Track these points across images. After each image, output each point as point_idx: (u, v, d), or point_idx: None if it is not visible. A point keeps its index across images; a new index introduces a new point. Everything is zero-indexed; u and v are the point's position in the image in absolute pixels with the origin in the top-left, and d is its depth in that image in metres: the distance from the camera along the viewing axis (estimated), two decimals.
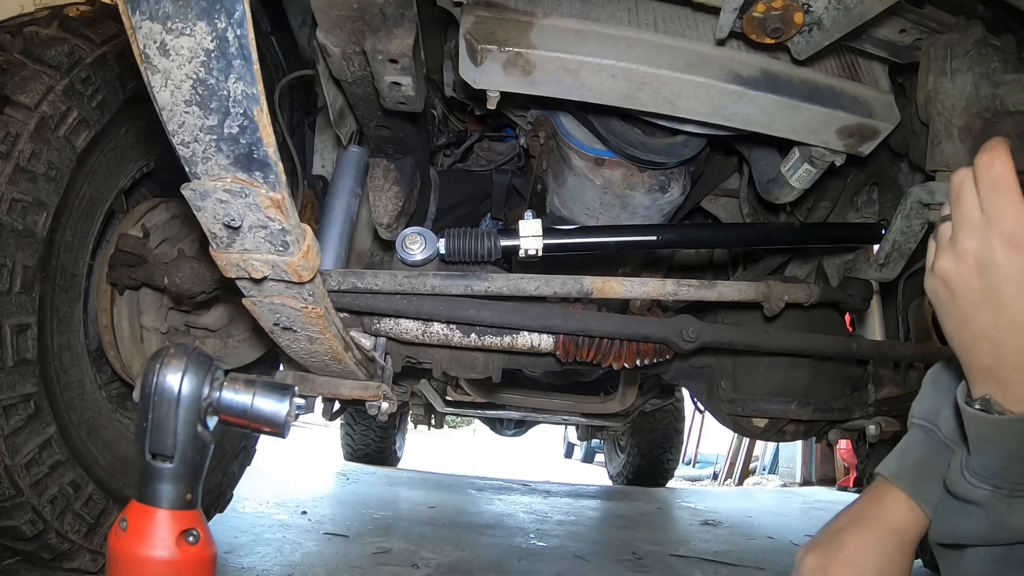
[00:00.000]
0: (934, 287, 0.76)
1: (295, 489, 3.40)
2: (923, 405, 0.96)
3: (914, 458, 0.92)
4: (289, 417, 0.76)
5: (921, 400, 0.97)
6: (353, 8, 1.14)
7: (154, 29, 0.66)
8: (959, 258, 0.72)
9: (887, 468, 0.94)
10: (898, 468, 0.93)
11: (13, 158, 1.22)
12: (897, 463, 0.93)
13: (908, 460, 0.92)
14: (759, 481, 7.67)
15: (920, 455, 0.92)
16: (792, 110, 1.31)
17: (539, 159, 1.67)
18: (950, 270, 0.73)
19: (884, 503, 0.92)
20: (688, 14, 1.35)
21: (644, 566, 2.43)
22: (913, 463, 0.92)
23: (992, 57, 1.31)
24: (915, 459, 0.92)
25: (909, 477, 0.91)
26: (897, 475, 0.92)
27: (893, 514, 0.90)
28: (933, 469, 0.89)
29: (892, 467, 0.94)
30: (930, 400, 0.94)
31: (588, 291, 1.34)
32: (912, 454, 0.92)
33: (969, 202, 0.72)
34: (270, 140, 0.74)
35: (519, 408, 3.72)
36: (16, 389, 1.25)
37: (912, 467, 0.91)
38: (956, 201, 0.74)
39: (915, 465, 0.91)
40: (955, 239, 0.73)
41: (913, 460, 0.92)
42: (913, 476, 0.90)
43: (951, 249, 0.73)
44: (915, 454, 0.92)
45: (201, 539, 0.73)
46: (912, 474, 0.91)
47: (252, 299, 1.01)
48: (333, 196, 1.59)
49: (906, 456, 0.93)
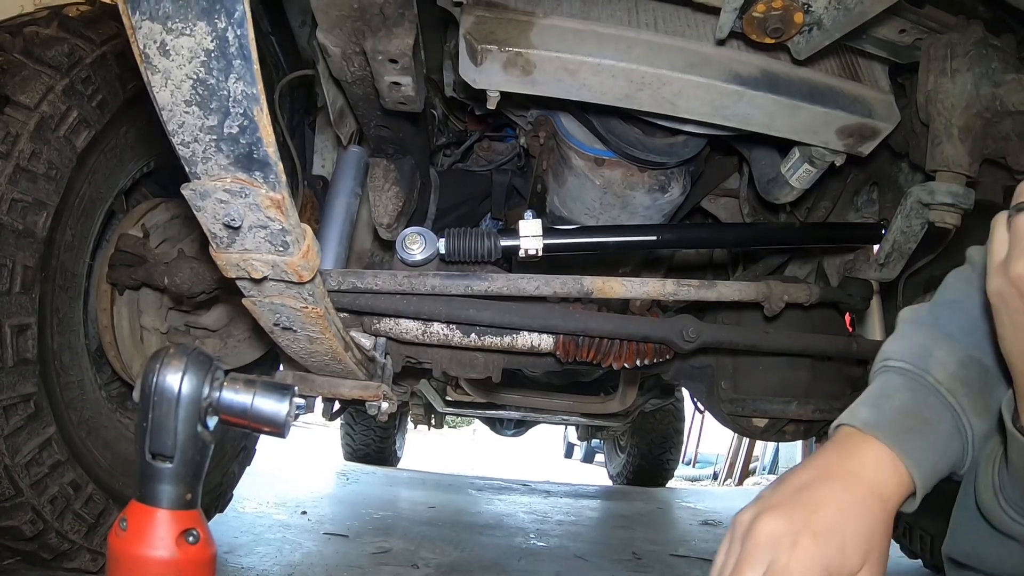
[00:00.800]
0: (1004, 292, 0.63)
1: (295, 489, 3.40)
2: (904, 344, 0.78)
3: (896, 406, 0.73)
4: (289, 417, 0.76)
5: (899, 339, 0.79)
6: (353, 8, 1.14)
7: (154, 29, 0.66)
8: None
9: (858, 417, 0.74)
10: (875, 417, 0.73)
11: (13, 158, 1.22)
12: (873, 411, 0.74)
13: (888, 408, 0.73)
14: (759, 481, 7.67)
15: (904, 403, 0.73)
16: (792, 110, 1.31)
17: (539, 159, 1.67)
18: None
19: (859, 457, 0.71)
20: (688, 14, 1.35)
21: (644, 566, 2.43)
22: (896, 412, 0.73)
23: (992, 57, 1.32)
24: (898, 407, 0.73)
25: (892, 428, 0.71)
26: (875, 425, 0.72)
27: (874, 472, 0.69)
28: (923, 421, 0.72)
29: (865, 416, 0.73)
30: (914, 339, 0.77)
31: (588, 291, 1.34)
32: (892, 401, 0.74)
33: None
34: (270, 140, 0.74)
35: (519, 408, 3.72)
36: (16, 389, 1.25)
37: (895, 416, 0.72)
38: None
39: (899, 415, 0.72)
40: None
41: (895, 408, 0.73)
42: (897, 427, 0.71)
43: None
44: (897, 402, 0.73)
45: (201, 539, 0.73)
46: (896, 424, 0.71)
47: (252, 299, 1.01)
48: (333, 196, 1.59)
49: (884, 403, 0.74)
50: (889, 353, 0.78)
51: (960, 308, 0.78)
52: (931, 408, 0.72)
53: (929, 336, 0.76)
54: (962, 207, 1.35)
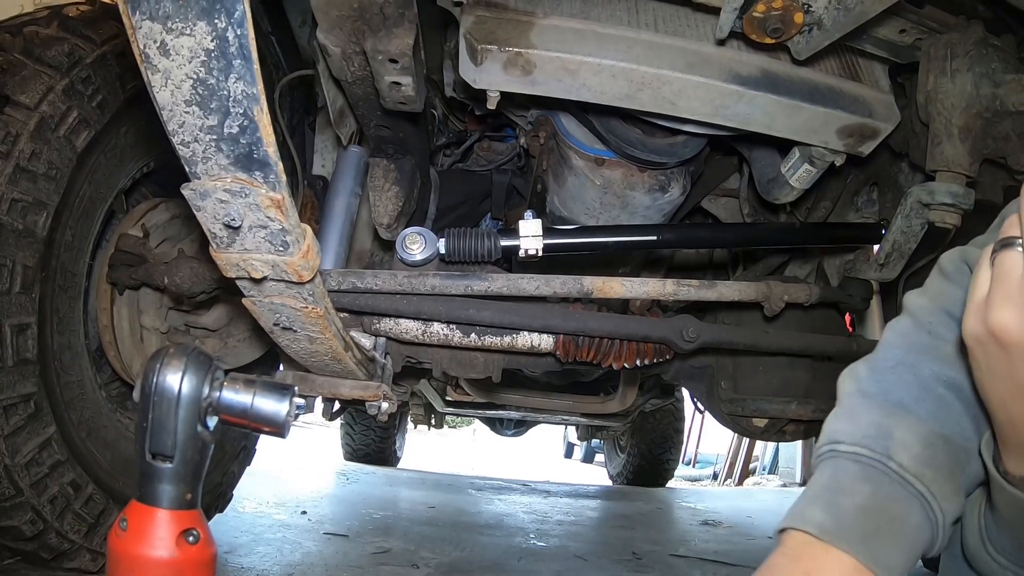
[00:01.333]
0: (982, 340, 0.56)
1: (295, 489, 3.40)
2: (853, 425, 0.68)
3: (856, 504, 0.63)
4: (289, 417, 0.76)
5: (845, 417, 0.69)
6: (353, 8, 1.14)
7: (154, 29, 0.66)
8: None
9: (811, 522, 0.63)
10: (833, 522, 0.62)
11: (13, 158, 1.22)
12: (829, 514, 0.63)
13: (847, 507, 0.63)
14: (759, 481, 7.67)
15: (865, 499, 0.63)
16: (792, 110, 1.31)
17: (539, 159, 1.67)
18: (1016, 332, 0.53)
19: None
20: (688, 14, 1.35)
21: (644, 566, 2.42)
22: (857, 511, 0.63)
23: (992, 57, 1.32)
24: (859, 505, 0.63)
25: (855, 534, 0.62)
26: (835, 532, 0.62)
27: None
28: (889, 519, 0.62)
29: (821, 520, 0.63)
30: (865, 416, 0.67)
31: (588, 291, 1.34)
32: (851, 498, 0.63)
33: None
34: (270, 140, 0.74)
35: (519, 408, 3.72)
36: (16, 389, 1.25)
37: (857, 518, 0.62)
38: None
39: (861, 515, 0.62)
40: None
41: (856, 507, 0.63)
42: (861, 531, 0.62)
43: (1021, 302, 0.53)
44: (856, 498, 0.63)
45: (201, 539, 0.73)
46: (859, 528, 0.62)
47: (252, 299, 1.01)
48: (333, 196, 1.59)
49: (840, 501, 0.64)
50: (836, 435, 0.68)
51: (909, 371, 0.69)
52: (897, 501, 0.63)
53: (881, 411, 0.67)
54: (962, 207, 1.35)
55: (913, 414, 0.66)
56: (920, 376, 0.68)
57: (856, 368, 0.73)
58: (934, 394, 0.67)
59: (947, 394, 0.66)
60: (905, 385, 0.67)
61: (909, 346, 0.71)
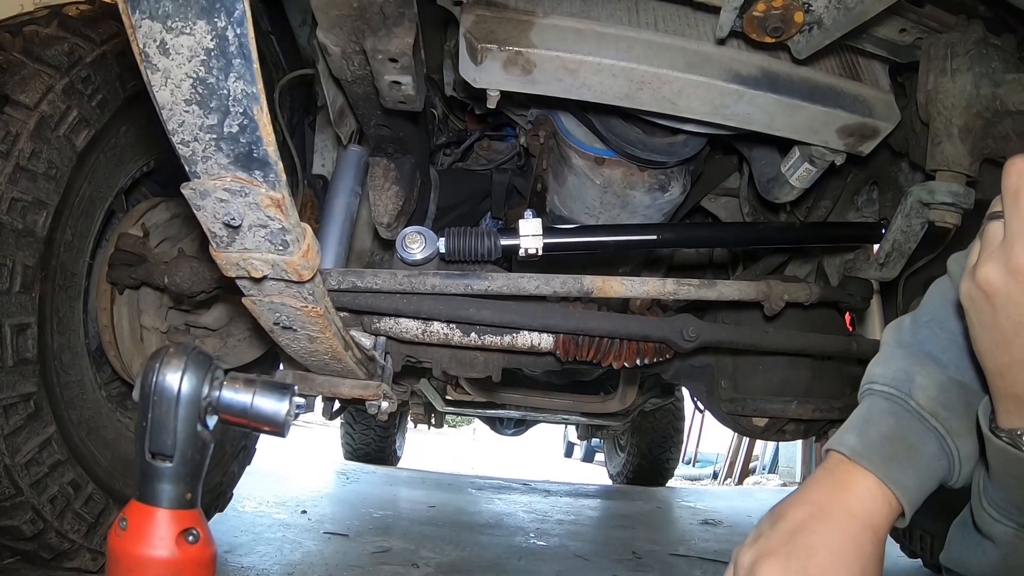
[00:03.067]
0: (973, 296, 0.65)
1: (295, 488, 3.40)
2: (887, 368, 0.80)
3: (882, 433, 0.76)
4: (289, 416, 0.76)
5: (883, 362, 0.81)
6: (353, 7, 1.14)
7: (154, 28, 0.66)
8: (1012, 273, 0.61)
9: (845, 444, 0.76)
10: (862, 445, 0.76)
11: (13, 157, 1.22)
12: (859, 439, 0.76)
13: (873, 435, 0.76)
14: (759, 480, 7.68)
15: (889, 429, 0.76)
16: (792, 109, 1.31)
17: (539, 158, 1.67)
18: (997, 283, 0.62)
19: (850, 490, 0.74)
20: (688, 13, 1.35)
21: (644, 565, 2.43)
22: (881, 439, 0.75)
23: (992, 57, 1.31)
24: (883, 434, 0.76)
25: (878, 456, 0.74)
26: (862, 454, 0.75)
27: (864, 504, 0.73)
28: (907, 447, 0.74)
29: (853, 443, 0.76)
30: (897, 363, 0.79)
31: (588, 290, 1.34)
32: (878, 428, 0.76)
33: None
34: (270, 139, 0.74)
35: (519, 407, 3.72)
36: (16, 389, 1.25)
37: (880, 444, 0.75)
38: (1013, 199, 0.63)
39: (884, 442, 0.75)
40: (1008, 248, 0.61)
41: (881, 435, 0.76)
42: (883, 455, 0.74)
43: (1001, 258, 0.62)
44: (882, 428, 0.76)
45: (201, 538, 0.72)
46: (882, 452, 0.74)
47: (252, 298, 1.01)
48: (333, 195, 1.59)
49: (870, 430, 0.76)
50: (874, 376, 0.81)
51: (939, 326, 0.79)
52: (915, 433, 0.75)
53: (910, 359, 0.78)
54: (962, 206, 1.35)
55: (937, 362, 0.77)
56: (948, 329, 0.78)
57: (901, 321, 0.84)
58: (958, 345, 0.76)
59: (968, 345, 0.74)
60: (935, 337, 0.78)
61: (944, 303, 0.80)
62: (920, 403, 0.75)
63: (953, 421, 0.75)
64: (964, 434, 0.75)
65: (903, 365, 0.78)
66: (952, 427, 0.75)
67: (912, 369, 0.77)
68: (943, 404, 0.75)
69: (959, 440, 0.75)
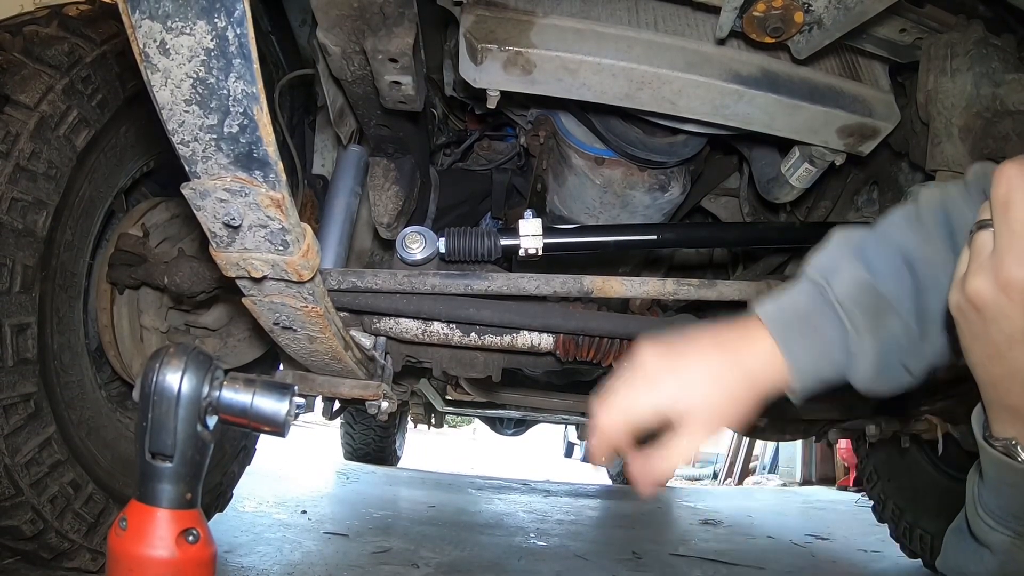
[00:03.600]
0: (963, 308, 0.64)
1: (295, 488, 3.40)
2: (822, 258, 0.85)
3: (795, 308, 0.81)
4: (289, 416, 0.76)
5: (822, 252, 0.86)
6: (353, 7, 1.14)
7: (154, 28, 0.66)
8: (1002, 287, 0.59)
9: (763, 308, 0.83)
10: (775, 312, 0.82)
11: (13, 157, 1.22)
12: (775, 307, 0.82)
13: (786, 308, 0.82)
14: (759, 480, 7.67)
15: (802, 307, 0.81)
16: (792, 109, 1.31)
17: (539, 158, 1.67)
18: (987, 297, 0.60)
19: (750, 344, 0.81)
20: (688, 13, 1.35)
21: (644, 565, 2.43)
22: (792, 312, 0.81)
23: (992, 57, 1.31)
24: (795, 309, 0.81)
25: (783, 325, 0.80)
26: (771, 319, 0.81)
27: (756, 358, 0.80)
28: (811, 327, 0.80)
29: (769, 310, 0.82)
30: (832, 255, 0.83)
31: (588, 290, 1.34)
32: (792, 304, 0.82)
33: (1021, 217, 0.59)
34: (270, 139, 0.74)
35: (519, 407, 3.72)
36: (16, 389, 1.25)
37: (790, 316, 0.81)
38: (1002, 210, 0.60)
39: (792, 316, 0.81)
40: (998, 260, 0.60)
41: (792, 310, 0.81)
42: (788, 326, 0.80)
43: (991, 271, 0.60)
44: (796, 305, 0.82)
45: (201, 538, 0.72)
46: (787, 324, 0.80)
47: (252, 298, 1.01)
48: (333, 195, 1.59)
49: (786, 303, 0.83)
50: (810, 262, 0.86)
51: (883, 237, 0.82)
52: (822, 317, 0.80)
53: (844, 256, 0.82)
54: None
55: (864, 264, 0.80)
56: (890, 242, 0.81)
57: (855, 228, 0.87)
58: (892, 260, 0.80)
59: (902, 264, 0.78)
60: (875, 245, 0.81)
61: (898, 222, 0.82)
62: (836, 293, 0.79)
63: (860, 319, 0.78)
64: (866, 334, 0.78)
65: (835, 258, 0.82)
66: (857, 324, 0.78)
67: (841, 264, 0.81)
68: (855, 301, 0.78)
69: (861, 338, 0.78)
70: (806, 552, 2.95)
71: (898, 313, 0.77)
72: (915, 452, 2.58)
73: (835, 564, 2.80)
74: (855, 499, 4.83)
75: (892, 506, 2.72)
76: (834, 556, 2.92)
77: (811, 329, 0.80)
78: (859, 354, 0.79)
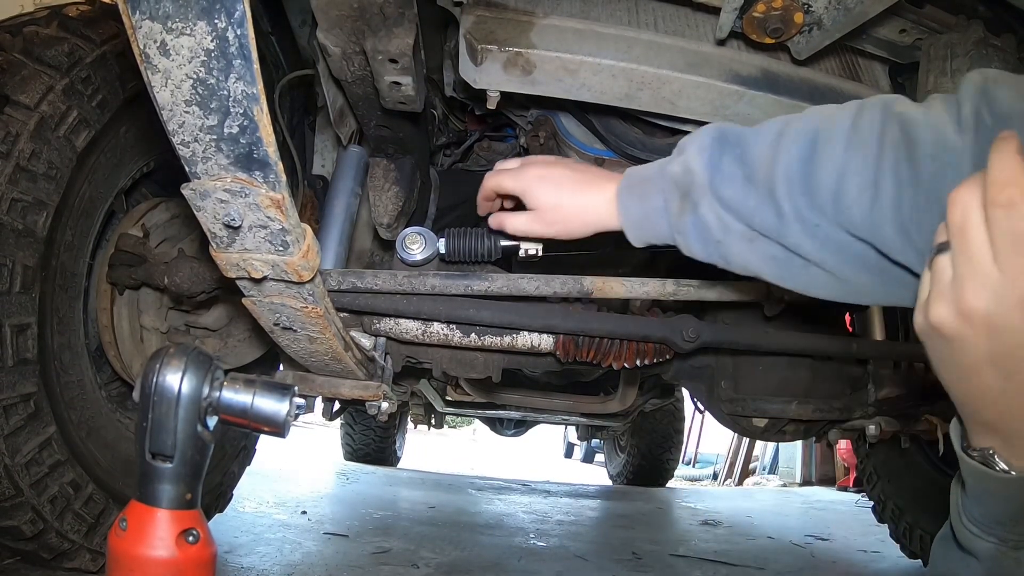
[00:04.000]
0: (926, 333, 0.63)
1: (295, 489, 3.40)
2: (693, 134, 0.96)
3: (642, 173, 0.97)
4: (289, 417, 0.76)
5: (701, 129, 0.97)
6: (353, 8, 1.14)
7: (154, 29, 0.66)
8: (964, 316, 0.58)
9: (631, 169, 1.00)
10: (632, 171, 0.99)
11: (13, 158, 1.22)
12: (634, 171, 0.99)
13: (640, 173, 0.98)
14: (759, 481, 7.67)
15: (646, 174, 0.96)
16: (792, 110, 1.31)
17: None
18: (950, 325, 0.60)
19: (607, 182, 1.01)
20: (688, 14, 1.35)
21: (644, 566, 2.43)
22: (638, 176, 0.97)
23: (992, 57, 1.32)
24: (642, 174, 0.97)
25: (627, 181, 0.98)
26: (627, 174, 0.99)
27: (601, 194, 1.00)
28: (642, 193, 0.96)
29: (629, 172, 1.00)
30: (699, 134, 0.94)
31: (588, 291, 1.34)
32: (646, 168, 0.97)
33: (978, 244, 0.57)
34: (270, 140, 0.74)
35: (519, 408, 3.72)
36: (16, 389, 1.25)
37: (635, 178, 0.98)
38: (959, 236, 0.59)
39: (638, 178, 0.97)
40: (959, 290, 0.58)
41: (640, 174, 0.97)
42: (630, 183, 0.97)
43: (953, 299, 0.59)
44: (647, 170, 0.97)
45: (201, 539, 0.73)
46: (631, 182, 0.98)
47: (252, 299, 1.01)
48: (333, 196, 1.59)
49: (643, 170, 0.98)
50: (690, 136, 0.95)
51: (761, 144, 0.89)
52: (655, 187, 0.94)
53: (706, 139, 0.92)
54: None
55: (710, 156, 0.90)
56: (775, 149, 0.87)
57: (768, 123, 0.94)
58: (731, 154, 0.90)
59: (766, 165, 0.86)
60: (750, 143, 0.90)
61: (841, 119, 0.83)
62: (672, 169, 0.92)
63: (675, 201, 0.92)
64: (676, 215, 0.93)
65: (695, 139, 0.93)
66: (673, 206, 0.92)
67: (690, 147, 0.92)
68: (679, 181, 0.91)
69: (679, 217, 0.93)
70: (806, 552, 2.95)
71: (712, 207, 0.89)
72: (915, 452, 2.58)
73: (835, 564, 2.80)
74: (855, 499, 4.84)
75: (892, 506, 2.73)
76: (834, 556, 2.92)
77: (642, 195, 0.96)
78: (682, 231, 0.94)
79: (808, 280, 0.91)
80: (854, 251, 0.82)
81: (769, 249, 0.90)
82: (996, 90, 0.73)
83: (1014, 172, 0.54)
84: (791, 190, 0.83)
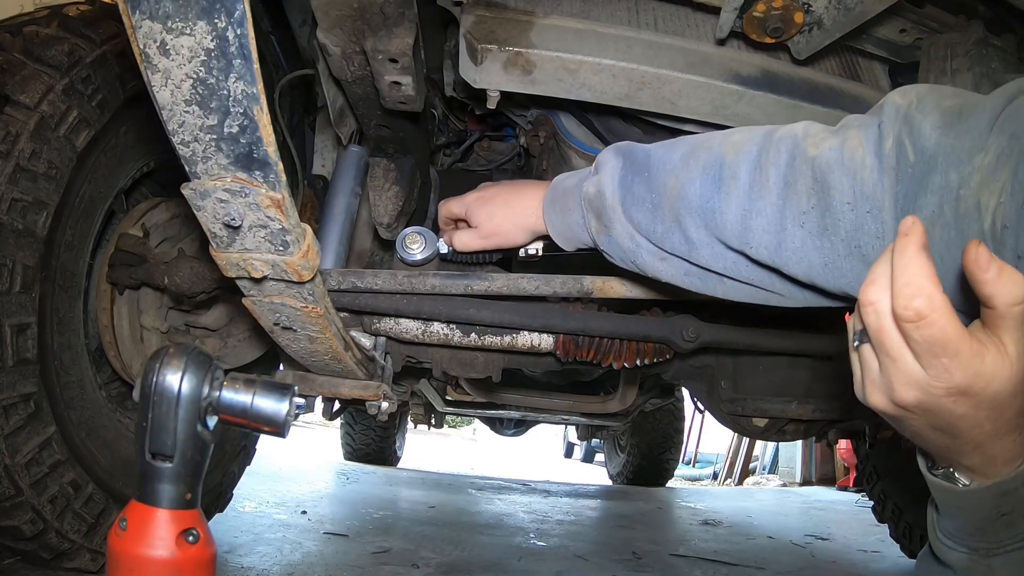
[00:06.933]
0: (873, 408, 0.65)
1: (295, 489, 3.40)
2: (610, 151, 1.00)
3: (564, 185, 1.05)
4: (289, 417, 0.76)
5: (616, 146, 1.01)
6: (353, 7, 1.14)
7: (154, 28, 0.66)
8: (899, 407, 0.61)
9: (559, 179, 1.08)
10: (556, 181, 1.07)
11: (13, 157, 1.22)
12: (560, 181, 1.07)
13: (562, 181, 1.06)
14: (759, 481, 7.67)
15: (568, 186, 1.04)
16: (792, 110, 1.31)
17: (539, 159, 1.67)
18: (889, 411, 0.63)
19: (535, 192, 1.11)
20: (688, 14, 1.35)
21: (644, 566, 2.43)
22: (560, 187, 1.06)
23: (992, 57, 1.32)
24: (563, 186, 1.05)
25: (551, 192, 1.07)
26: (552, 185, 1.08)
27: (531, 205, 1.11)
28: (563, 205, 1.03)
29: (555, 183, 1.08)
30: (613, 151, 0.98)
31: (588, 291, 1.34)
32: (566, 180, 1.05)
33: (897, 348, 0.59)
34: (270, 139, 0.74)
35: (519, 408, 3.71)
36: (16, 389, 1.25)
37: (558, 190, 1.06)
38: (878, 339, 0.60)
39: (560, 190, 1.05)
40: (889, 385, 0.61)
41: (563, 186, 1.05)
42: (554, 195, 1.06)
43: (884, 391, 0.62)
44: (567, 182, 1.05)
45: (201, 539, 0.72)
46: (554, 194, 1.06)
47: (252, 299, 1.01)
48: (333, 196, 1.59)
49: (566, 178, 1.06)
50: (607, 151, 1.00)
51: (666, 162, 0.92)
52: (573, 201, 1.01)
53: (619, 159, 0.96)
54: None
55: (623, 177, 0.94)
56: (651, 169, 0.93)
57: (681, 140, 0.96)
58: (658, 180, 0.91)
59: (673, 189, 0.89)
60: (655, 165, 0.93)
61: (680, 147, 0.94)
62: (587, 189, 0.98)
63: (592, 219, 0.98)
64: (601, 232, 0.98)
65: (611, 157, 0.97)
66: (591, 223, 0.99)
67: (606, 166, 0.96)
68: (592, 202, 0.97)
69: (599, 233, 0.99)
70: (806, 552, 2.95)
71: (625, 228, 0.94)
72: (915, 452, 2.58)
73: (835, 564, 2.80)
74: (855, 499, 4.84)
75: (892, 506, 2.73)
76: (834, 556, 2.92)
77: (563, 209, 1.04)
78: (601, 245, 1.00)
79: (727, 290, 0.96)
80: (765, 270, 0.87)
81: (682, 267, 0.95)
82: (921, 120, 0.72)
83: (920, 282, 0.55)
84: (696, 222, 0.87)
